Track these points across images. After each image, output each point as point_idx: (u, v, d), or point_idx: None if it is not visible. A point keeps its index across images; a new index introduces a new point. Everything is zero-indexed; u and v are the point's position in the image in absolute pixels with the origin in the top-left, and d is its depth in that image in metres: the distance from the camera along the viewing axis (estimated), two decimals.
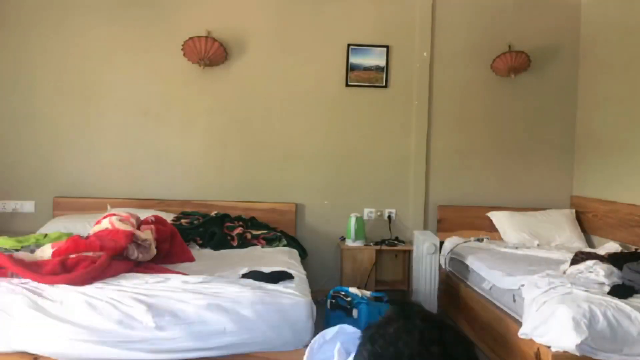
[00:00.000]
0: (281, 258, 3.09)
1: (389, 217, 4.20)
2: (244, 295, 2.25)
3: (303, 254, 3.62)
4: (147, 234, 2.75)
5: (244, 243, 3.45)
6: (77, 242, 2.53)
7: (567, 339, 2.21)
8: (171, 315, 2.14)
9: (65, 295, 2.18)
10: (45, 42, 3.95)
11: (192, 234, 3.43)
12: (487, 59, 4.20)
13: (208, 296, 2.22)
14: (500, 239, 4.01)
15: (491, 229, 4.12)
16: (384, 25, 4.17)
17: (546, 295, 2.46)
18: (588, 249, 3.57)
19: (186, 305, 2.18)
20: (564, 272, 2.80)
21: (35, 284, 2.25)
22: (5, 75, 3.94)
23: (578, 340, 2.19)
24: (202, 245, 3.39)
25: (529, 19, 4.26)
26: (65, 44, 3.97)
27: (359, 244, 3.94)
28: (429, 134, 4.23)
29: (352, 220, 3.93)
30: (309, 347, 1.14)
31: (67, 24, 3.97)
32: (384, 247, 3.97)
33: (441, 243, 3.86)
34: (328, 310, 3.06)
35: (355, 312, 2.90)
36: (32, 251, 2.63)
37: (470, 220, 4.21)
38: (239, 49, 4.09)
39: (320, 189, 4.17)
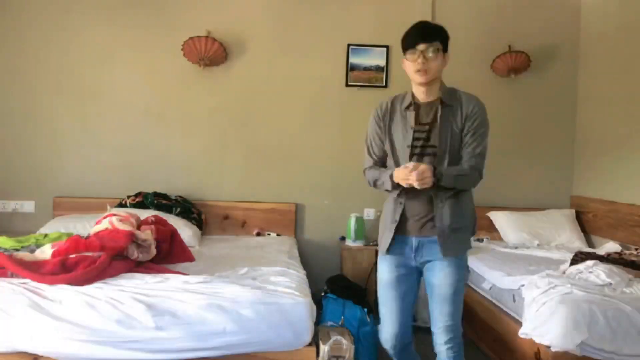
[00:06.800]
0: (281, 258, 3.09)
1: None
2: (244, 295, 2.24)
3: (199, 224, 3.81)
4: (147, 234, 2.75)
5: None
6: (77, 242, 2.53)
7: (567, 339, 2.22)
8: (171, 315, 2.14)
9: (65, 295, 2.17)
10: (45, 42, 3.95)
11: None
12: (487, 59, 4.20)
13: (208, 296, 2.22)
14: (500, 239, 4.01)
15: (491, 229, 4.12)
16: (384, 25, 4.17)
17: (546, 295, 2.46)
18: (588, 249, 3.58)
19: (186, 305, 2.17)
20: (564, 272, 2.80)
21: (35, 284, 2.25)
22: (5, 75, 3.94)
23: (578, 340, 2.19)
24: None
25: (529, 19, 4.26)
26: (65, 44, 3.97)
27: (359, 244, 3.94)
28: None
29: (352, 220, 3.93)
30: None
31: (67, 23, 3.97)
32: None
33: None
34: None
35: None
36: (32, 251, 2.63)
37: None
38: (239, 49, 4.09)
39: (320, 189, 4.17)
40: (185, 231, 3.41)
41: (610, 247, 3.46)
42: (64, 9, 3.96)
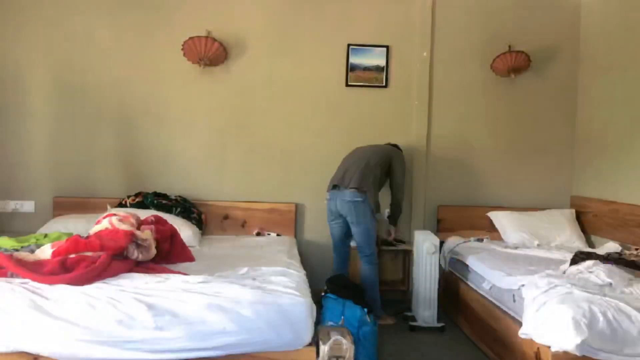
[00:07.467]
0: (281, 258, 3.09)
1: (389, 217, 4.19)
2: (244, 295, 2.24)
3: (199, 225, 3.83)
4: (147, 234, 2.75)
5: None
6: (77, 242, 2.53)
7: (567, 339, 2.21)
8: (171, 315, 2.14)
9: (65, 295, 2.17)
10: (44, 42, 3.96)
11: None
12: (487, 59, 4.20)
13: (208, 296, 2.22)
14: (500, 239, 4.01)
15: (491, 229, 4.12)
16: (384, 25, 4.17)
17: (546, 295, 2.46)
18: (588, 249, 3.58)
19: (186, 305, 2.17)
20: (564, 272, 2.80)
21: (35, 284, 2.24)
22: (5, 75, 3.94)
23: (578, 340, 2.19)
24: None
25: (529, 19, 4.26)
26: (65, 43, 3.97)
27: None
28: (429, 134, 4.23)
29: None
30: None
31: (67, 23, 3.97)
32: (384, 247, 3.97)
33: (441, 243, 3.86)
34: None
35: None
36: (32, 251, 2.63)
37: (470, 220, 4.21)
38: (239, 49, 4.09)
39: (320, 189, 4.16)
40: (185, 231, 3.41)
41: (610, 247, 3.46)
42: (64, 8, 3.96)
